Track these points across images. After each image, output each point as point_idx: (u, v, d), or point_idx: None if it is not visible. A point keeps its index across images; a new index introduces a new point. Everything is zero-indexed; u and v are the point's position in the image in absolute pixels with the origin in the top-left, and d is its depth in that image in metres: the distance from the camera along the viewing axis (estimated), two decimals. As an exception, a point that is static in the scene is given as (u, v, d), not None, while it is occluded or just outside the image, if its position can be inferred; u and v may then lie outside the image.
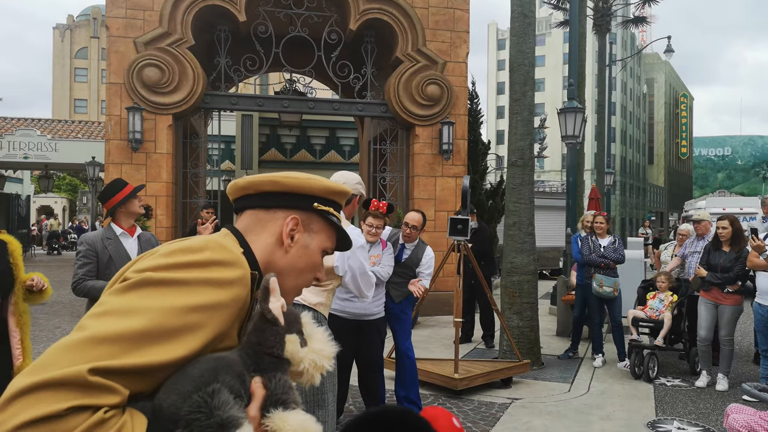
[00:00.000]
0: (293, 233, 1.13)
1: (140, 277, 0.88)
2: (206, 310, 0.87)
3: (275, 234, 1.12)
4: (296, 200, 1.15)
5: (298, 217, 1.13)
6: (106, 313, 0.83)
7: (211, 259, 0.92)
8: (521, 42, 6.48)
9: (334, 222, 1.18)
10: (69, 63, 54.90)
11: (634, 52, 55.66)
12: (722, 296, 5.67)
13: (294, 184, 1.15)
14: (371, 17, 9.31)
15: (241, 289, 0.94)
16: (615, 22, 22.94)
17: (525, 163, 6.46)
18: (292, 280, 1.13)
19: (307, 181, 1.16)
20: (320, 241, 1.17)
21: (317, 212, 1.16)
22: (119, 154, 8.71)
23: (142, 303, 0.84)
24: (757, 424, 3.07)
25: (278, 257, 1.11)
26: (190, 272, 0.89)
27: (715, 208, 13.86)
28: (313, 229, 1.16)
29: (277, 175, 1.15)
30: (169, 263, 0.90)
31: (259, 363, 0.91)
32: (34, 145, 19.80)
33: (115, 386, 0.76)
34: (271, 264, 1.10)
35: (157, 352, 0.80)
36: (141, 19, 8.75)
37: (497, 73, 65.34)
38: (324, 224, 1.17)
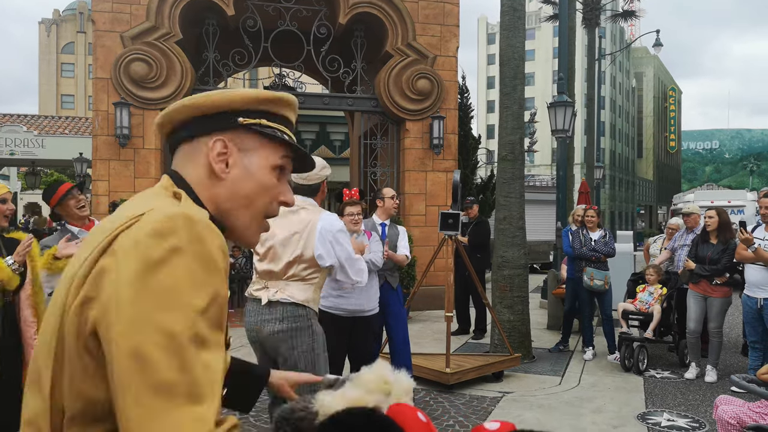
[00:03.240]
0: (224, 158, 0.97)
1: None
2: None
3: (204, 165, 0.97)
4: (217, 121, 0.98)
5: (223, 138, 0.97)
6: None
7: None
8: (511, 36, 6.47)
9: (275, 135, 1.01)
10: (55, 58, 54.29)
11: (623, 46, 55.90)
12: (711, 289, 5.72)
13: (207, 102, 0.98)
14: (361, 11, 9.26)
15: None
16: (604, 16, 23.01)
17: (515, 157, 6.47)
18: (246, 211, 0.99)
19: (222, 95, 0.99)
20: (264, 157, 1.00)
21: (248, 128, 0.99)
22: (107, 150, 8.62)
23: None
24: (745, 415, 3.10)
25: (218, 191, 0.97)
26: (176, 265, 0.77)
27: (703, 201, 13.98)
28: (249, 146, 0.99)
29: (188, 98, 1.00)
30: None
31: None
32: (21, 141, 19.56)
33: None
34: (214, 200, 0.97)
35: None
36: (128, 13, 8.65)
37: (487, 67, 65.38)
38: (262, 139, 1.00)
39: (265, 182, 0.99)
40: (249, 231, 1.01)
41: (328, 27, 9.29)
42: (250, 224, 1.00)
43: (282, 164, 1.03)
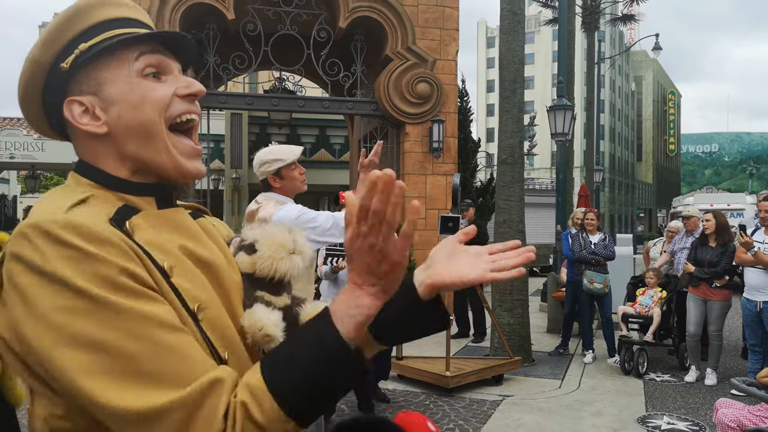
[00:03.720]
0: (88, 113, 0.84)
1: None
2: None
3: (83, 135, 0.85)
4: (51, 85, 0.85)
5: (71, 97, 0.84)
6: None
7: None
8: (511, 40, 6.49)
9: (103, 49, 0.83)
10: (55, 62, 54.43)
11: (622, 49, 56.00)
12: (711, 292, 5.72)
13: (26, 75, 0.86)
14: (361, 15, 9.29)
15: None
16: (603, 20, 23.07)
17: (515, 160, 6.48)
18: (147, 141, 0.84)
19: (28, 60, 0.85)
20: (116, 78, 0.84)
21: (76, 67, 0.83)
22: (107, 153, 8.63)
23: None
24: (746, 419, 3.10)
25: (114, 147, 0.85)
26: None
27: (702, 205, 13.99)
28: (98, 81, 0.84)
29: (18, 80, 0.87)
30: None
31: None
32: (20, 144, 19.58)
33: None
34: (120, 158, 0.85)
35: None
36: (128, 17, 8.68)
37: (487, 70, 65.50)
38: (99, 65, 0.84)
39: (135, 100, 0.83)
40: (170, 160, 0.86)
41: (328, 31, 9.32)
42: (163, 151, 0.85)
43: (145, 64, 0.85)
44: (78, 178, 0.86)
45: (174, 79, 0.88)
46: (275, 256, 0.92)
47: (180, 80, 0.88)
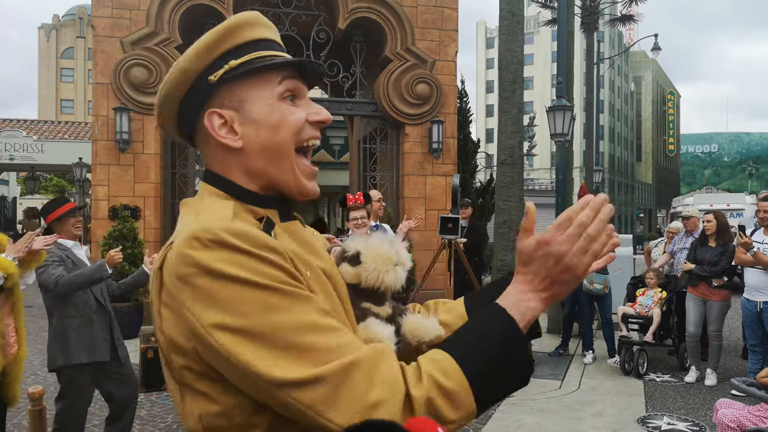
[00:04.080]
0: (226, 126, 0.88)
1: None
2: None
3: (218, 145, 0.89)
4: (196, 95, 0.89)
5: (213, 109, 0.88)
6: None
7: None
8: (510, 40, 6.50)
9: (253, 68, 0.88)
10: (55, 63, 54.37)
11: (621, 50, 56.04)
12: (710, 292, 5.73)
13: (174, 83, 0.89)
14: (360, 16, 9.29)
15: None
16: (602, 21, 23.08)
17: (515, 161, 6.49)
18: (277, 161, 0.90)
19: (177, 69, 0.89)
20: (258, 98, 0.89)
21: (223, 81, 0.88)
22: (106, 154, 8.63)
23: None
24: (745, 419, 3.10)
25: (244, 160, 0.89)
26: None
27: (702, 205, 14.00)
28: (240, 97, 0.89)
29: (161, 87, 0.91)
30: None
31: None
32: (20, 146, 19.57)
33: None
34: (249, 173, 0.90)
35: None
36: (128, 18, 8.68)
37: (486, 71, 65.52)
38: (245, 81, 0.88)
39: (274, 121, 0.88)
40: (294, 180, 0.91)
41: (327, 32, 9.32)
42: (290, 171, 0.90)
43: (286, 89, 0.90)
44: (213, 189, 0.91)
45: (306, 104, 0.94)
46: (381, 269, 0.97)
47: (311, 106, 0.94)
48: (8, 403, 3.17)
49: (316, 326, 0.76)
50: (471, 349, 0.79)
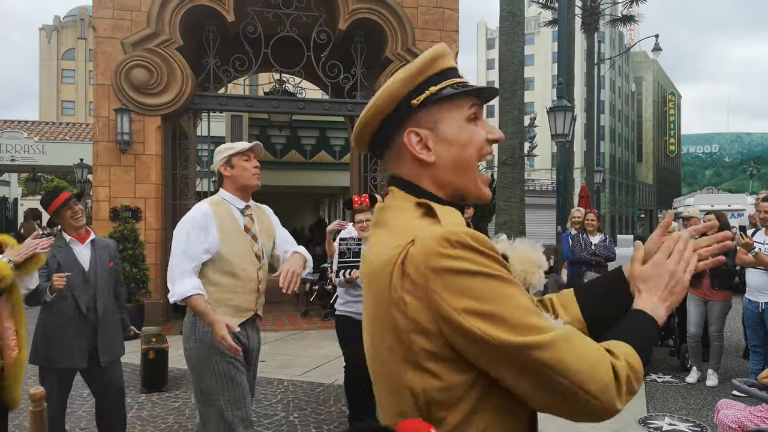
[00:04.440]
0: (422, 144, 1.05)
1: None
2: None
3: (413, 159, 1.05)
4: (399, 115, 1.05)
5: (413, 128, 1.05)
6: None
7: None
8: (510, 41, 6.50)
9: (450, 95, 1.04)
10: (56, 64, 54.45)
11: (622, 50, 56.02)
12: (711, 292, 5.72)
13: (381, 103, 1.05)
14: (360, 17, 9.29)
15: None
16: (603, 21, 23.08)
17: (515, 161, 6.49)
18: (464, 174, 1.06)
19: (386, 91, 1.05)
20: (452, 120, 1.05)
21: (423, 105, 1.04)
22: (107, 155, 8.64)
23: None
24: (747, 419, 3.09)
25: (435, 173, 1.05)
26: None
27: (703, 205, 13.98)
28: (436, 119, 1.05)
29: (366, 108, 1.08)
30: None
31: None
32: (21, 147, 19.60)
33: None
34: (438, 184, 1.06)
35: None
36: (128, 19, 8.69)
37: (487, 72, 65.52)
38: (440, 106, 1.05)
39: (464, 141, 1.04)
40: (475, 188, 1.08)
41: (328, 33, 9.33)
42: (472, 181, 1.07)
43: (470, 114, 1.06)
44: (407, 195, 1.06)
45: (482, 124, 1.08)
46: (528, 270, 1.12)
47: (486, 126, 1.09)
48: (9, 406, 3.15)
49: (531, 309, 0.93)
50: (638, 339, 0.99)
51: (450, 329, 0.90)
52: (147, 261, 8.18)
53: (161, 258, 8.74)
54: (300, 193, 22.02)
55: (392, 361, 0.98)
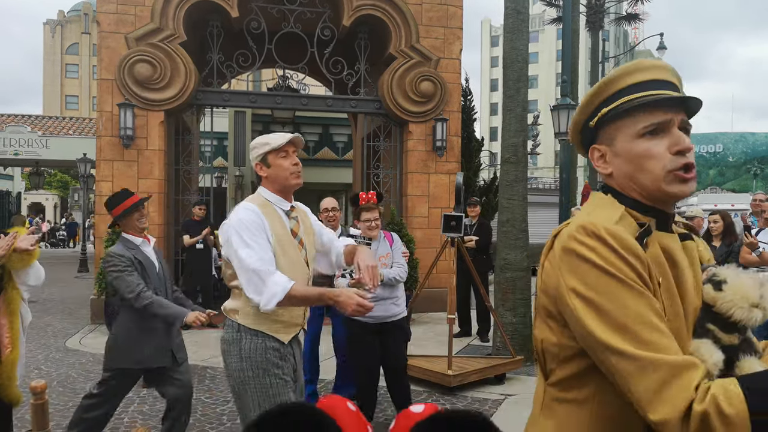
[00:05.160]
0: (603, 159, 1.17)
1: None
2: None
3: (601, 170, 1.18)
4: (583, 134, 1.22)
5: (595, 146, 1.18)
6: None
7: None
8: (515, 38, 6.47)
9: (618, 114, 1.12)
10: (60, 59, 54.49)
11: (626, 49, 55.83)
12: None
13: (571, 129, 1.24)
14: (364, 13, 9.27)
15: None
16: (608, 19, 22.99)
17: (518, 159, 6.47)
18: (639, 180, 1.12)
19: (575, 114, 1.21)
20: (624, 137, 1.13)
21: (602, 123, 1.16)
22: (111, 150, 8.65)
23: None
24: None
25: (619, 182, 1.15)
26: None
27: (707, 205, 13.94)
28: (612, 136, 1.15)
29: (571, 125, 1.24)
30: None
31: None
32: (25, 141, 19.63)
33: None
34: (627, 190, 1.15)
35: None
36: (132, 14, 8.68)
37: (491, 69, 65.38)
38: (616, 123, 1.15)
39: (633, 155, 1.11)
40: (655, 190, 1.11)
41: (331, 29, 9.31)
42: (651, 185, 1.10)
43: (644, 127, 1.10)
44: (613, 200, 1.15)
45: (669, 135, 1.10)
46: (737, 303, 1.05)
47: (673, 137, 1.10)
48: (12, 404, 3.12)
49: (644, 320, 0.97)
50: (760, 384, 0.90)
51: (560, 301, 1.06)
52: (149, 256, 8.20)
53: (164, 253, 8.76)
54: (302, 190, 21.93)
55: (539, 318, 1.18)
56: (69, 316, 9.10)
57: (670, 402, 0.91)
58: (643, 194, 1.13)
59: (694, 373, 0.93)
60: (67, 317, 9.04)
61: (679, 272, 1.11)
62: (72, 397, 5.07)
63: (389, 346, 3.97)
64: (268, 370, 2.34)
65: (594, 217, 1.09)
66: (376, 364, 3.97)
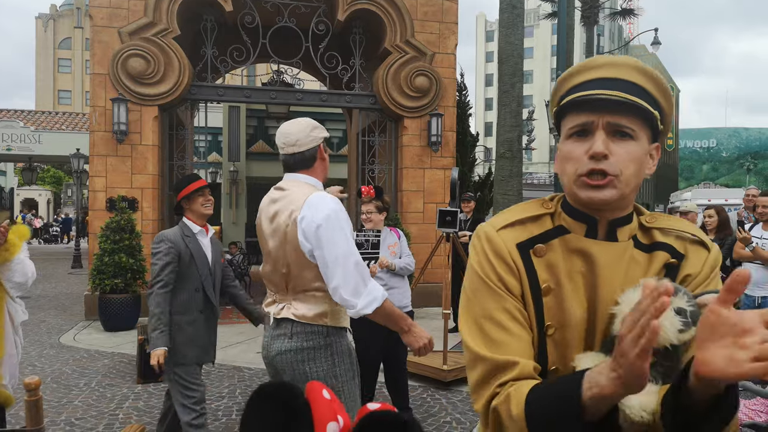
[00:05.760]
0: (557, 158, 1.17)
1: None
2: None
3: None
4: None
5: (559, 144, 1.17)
6: None
7: None
8: (510, 33, 6.47)
9: (564, 103, 1.10)
10: (52, 53, 54.11)
11: (621, 44, 55.90)
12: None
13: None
14: (359, 8, 9.24)
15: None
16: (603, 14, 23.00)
17: (513, 154, 6.48)
18: (563, 176, 1.10)
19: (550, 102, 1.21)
20: (562, 135, 1.10)
21: (558, 119, 1.14)
22: (104, 145, 8.60)
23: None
24: (741, 413, 3.11)
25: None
26: None
27: (700, 200, 14.01)
28: (561, 135, 1.12)
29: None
30: None
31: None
32: (17, 136, 19.51)
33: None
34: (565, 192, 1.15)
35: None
36: (125, 8, 8.62)
37: (486, 64, 65.35)
38: (564, 117, 1.12)
39: (560, 156, 1.09)
40: (570, 193, 1.08)
41: (326, 24, 9.27)
42: (567, 189, 1.08)
43: (571, 128, 1.05)
44: (539, 204, 1.15)
45: (593, 138, 1.03)
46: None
47: (594, 140, 1.02)
48: (4, 404, 3.05)
49: (494, 319, 1.03)
50: (542, 393, 0.92)
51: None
52: (144, 251, 8.16)
53: (158, 249, 8.75)
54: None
55: None
56: (63, 313, 9.07)
57: (483, 395, 0.99)
58: (568, 197, 1.10)
59: (508, 373, 0.97)
60: (61, 313, 9.00)
61: (596, 282, 1.03)
62: (66, 393, 5.06)
63: (392, 340, 3.97)
64: (354, 362, 2.26)
65: (499, 217, 1.13)
66: (377, 360, 3.97)
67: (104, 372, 5.72)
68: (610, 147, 1.00)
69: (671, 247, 1.08)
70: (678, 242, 1.09)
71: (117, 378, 5.50)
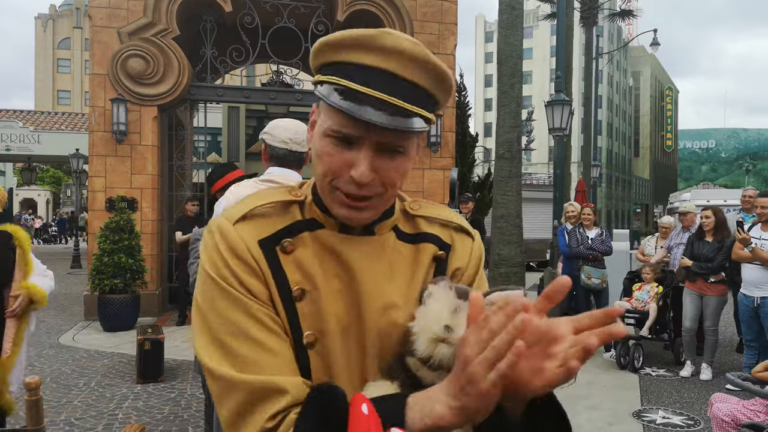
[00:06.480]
0: (311, 127, 0.92)
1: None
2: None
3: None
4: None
5: (315, 107, 0.92)
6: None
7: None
8: (509, 34, 6.48)
9: (330, 103, 0.82)
10: (51, 53, 54.09)
11: (620, 45, 55.97)
12: (707, 287, 5.75)
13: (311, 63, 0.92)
14: (359, 8, 9.24)
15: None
16: (602, 15, 23.02)
17: (512, 155, 6.49)
18: (319, 184, 0.89)
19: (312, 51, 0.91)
20: (321, 123, 0.87)
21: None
22: (104, 146, 8.60)
23: None
24: (740, 413, 3.11)
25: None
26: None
27: (699, 200, 14.02)
28: (321, 113, 0.88)
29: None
30: None
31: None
32: (16, 136, 19.49)
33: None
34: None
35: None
36: (125, 8, 8.62)
37: (485, 65, 65.40)
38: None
39: (316, 149, 0.87)
40: (324, 198, 0.89)
41: (326, 24, 9.28)
42: (320, 191, 0.89)
43: (332, 129, 0.83)
44: (286, 190, 0.94)
45: (352, 151, 0.84)
46: (420, 333, 0.81)
47: (353, 160, 0.83)
48: (6, 411, 3.04)
49: (239, 330, 0.82)
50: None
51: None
52: (143, 252, 8.16)
53: (157, 249, 8.74)
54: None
55: None
56: (62, 313, 9.07)
57: (252, 426, 0.77)
58: (320, 195, 0.90)
59: (276, 401, 0.77)
60: (60, 313, 9.00)
61: (356, 284, 0.88)
62: (65, 393, 5.06)
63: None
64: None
65: (235, 207, 0.90)
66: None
67: (104, 372, 5.72)
68: (376, 165, 0.83)
69: (437, 237, 0.97)
70: (443, 231, 0.98)
71: (116, 378, 5.50)
